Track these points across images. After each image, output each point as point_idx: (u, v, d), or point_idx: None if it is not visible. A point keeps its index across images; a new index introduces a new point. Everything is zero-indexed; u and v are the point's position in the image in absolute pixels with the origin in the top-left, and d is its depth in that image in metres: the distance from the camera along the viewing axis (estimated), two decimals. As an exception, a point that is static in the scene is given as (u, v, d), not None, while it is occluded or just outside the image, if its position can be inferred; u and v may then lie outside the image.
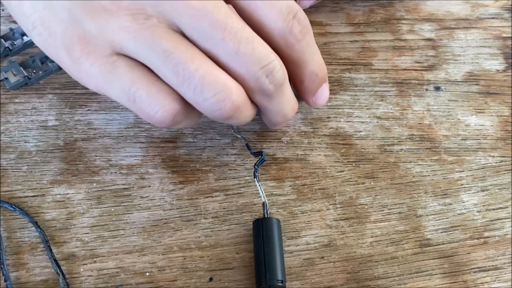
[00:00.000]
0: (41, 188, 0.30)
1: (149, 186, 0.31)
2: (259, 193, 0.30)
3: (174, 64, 0.23)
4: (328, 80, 0.35)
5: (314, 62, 0.28)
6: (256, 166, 0.30)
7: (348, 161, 0.32)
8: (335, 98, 0.34)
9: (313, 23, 0.37)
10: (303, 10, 0.36)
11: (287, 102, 0.27)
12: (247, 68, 0.24)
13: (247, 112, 0.26)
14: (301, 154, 0.32)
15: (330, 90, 0.34)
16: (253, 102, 0.26)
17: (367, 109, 0.34)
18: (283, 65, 0.25)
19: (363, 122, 0.34)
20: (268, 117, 0.28)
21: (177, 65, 0.23)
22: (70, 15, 0.24)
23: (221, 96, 0.24)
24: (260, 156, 0.31)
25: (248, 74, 0.24)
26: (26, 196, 0.30)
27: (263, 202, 0.29)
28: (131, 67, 0.24)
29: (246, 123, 0.27)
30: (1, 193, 0.30)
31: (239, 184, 0.31)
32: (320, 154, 0.32)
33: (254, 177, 0.30)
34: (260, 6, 0.25)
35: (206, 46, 0.24)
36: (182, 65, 0.23)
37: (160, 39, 0.23)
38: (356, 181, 0.32)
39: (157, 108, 0.24)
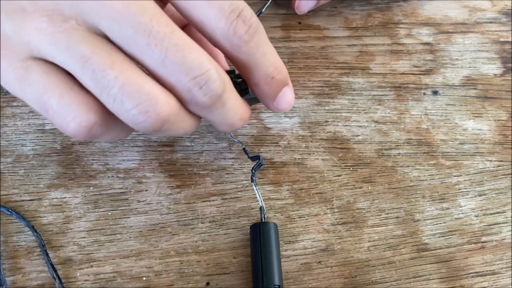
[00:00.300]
0: (38, 192, 0.30)
1: (146, 190, 0.31)
2: (256, 197, 0.30)
3: (92, 71, 0.21)
4: (326, 84, 0.35)
5: (268, 64, 0.25)
6: (253, 171, 0.30)
7: (345, 166, 0.32)
8: (333, 102, 0.34)
9: (311, 27, 0.37)
10: (302, 15, 0.37)
11: (230, 112, 0.24)
12: (176, 78, 0.22)
13: (182, 124, 0.24)
14: (299, 158, 0.32)
15: (328, 93, 0.35)
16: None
17: (365, 113, 0.34)
18: (222, 73, 0.23)
19: (360, 126, 0.34)
20: (213, 126, 0.26)
21: (95, 72, 0.21)
22: None
23: (144, 107, 0.21)
24: (257, 161, 0.31)
25: (179, 85, 0.22)
26: (23, 200, 0.30)
27: (261, 206, 0.29)
28: (46, 73, 0.22)
29: (187, 134, 0.24)
30: (-2, 197, 0.30)
31: (237, 188, 0.31)
32: (317, 158, 0.32)
33: (252, 181, 0.30)
34: (199, 5, 0.22)
35: (131, 51, 0.21)
36: (101, 72, 0.21)
37: (78, 43, 0.21)
38: (354, 185, 0.32)
39: (69, 119, 0.22)
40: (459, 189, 0.32)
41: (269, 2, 0.36)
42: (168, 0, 0.23)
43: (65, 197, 0.30)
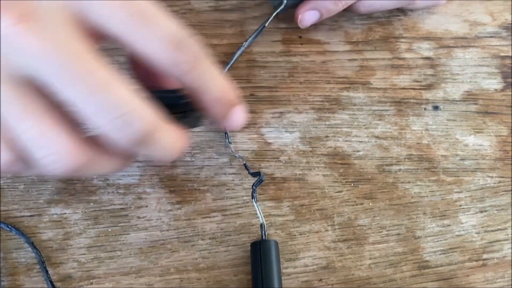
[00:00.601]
0: (38, 208, 0.30)
1: (146, 206, 0.30)
2: (257, 214, 0.30)
3: (7, 120, 0.21)
4: (327, 98, 0.35)
5: (214, 88, 0.25)
6: (254, 187, 0.30)
7: (346, 181, 0.32)
8: (334, 117, 0.34)
9: (311, 41, 0.37)
10: (303, 29, 0.37)
11: (163, 147, 0.24)
12: (97, 118, 0.21)
13: (102, 166, 0.24)
14: (300, 174, 0.32)
15: (328, 108, 0.35)
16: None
17: (366, 128, 0.34)
18: (147, 112, 0.22)
19: (361, 141, 0.34)
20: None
21: (10, 121, 0.21)
22: None
23: (54, 158, 0.22)
24: (258, 177, 0.31)
25: (100, 125, 0.22)
26: (23, 216, 0.30)
27: (261, 223, 0.29)
28: None
29: (117, 172, 0.25)
30: (-2, 212, 0.30)
31: (237, 204, 0.31)
32: (318, 174, 0.32)
33: (252, 198, 0.30)
34: (140, 38, 0.22)
35: (54, 91, 0.21)
36: (16, 122, 0.21)
37: None
38: (355, 201, 0.32)
39: None
40: (460, 205, 0.32)
41: (272, 17, 0.36)
42: (108, 35, 0.23)
43: (65, 213, 0.30)
